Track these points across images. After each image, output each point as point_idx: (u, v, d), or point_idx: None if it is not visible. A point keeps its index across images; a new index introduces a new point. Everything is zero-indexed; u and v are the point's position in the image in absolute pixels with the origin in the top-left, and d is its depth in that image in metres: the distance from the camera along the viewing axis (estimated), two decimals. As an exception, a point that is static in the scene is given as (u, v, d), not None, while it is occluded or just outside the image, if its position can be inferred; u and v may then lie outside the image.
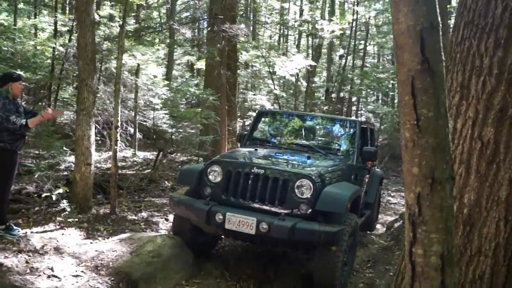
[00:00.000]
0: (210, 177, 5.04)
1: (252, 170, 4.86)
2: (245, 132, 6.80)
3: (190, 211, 4.91)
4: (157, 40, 14.78)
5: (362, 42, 21.47)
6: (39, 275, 4.20)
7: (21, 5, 17.06)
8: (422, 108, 1.76)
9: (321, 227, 4.46)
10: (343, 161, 5.86)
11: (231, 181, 4.93)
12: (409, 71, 1.78)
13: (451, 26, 4.81)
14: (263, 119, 6.99)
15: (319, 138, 6.67)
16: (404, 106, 1.81)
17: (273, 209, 4.71)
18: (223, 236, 5.53)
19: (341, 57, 21.62)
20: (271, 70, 15.03)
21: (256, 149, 5.92)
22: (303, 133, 6.70)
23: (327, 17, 19.49)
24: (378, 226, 8.14)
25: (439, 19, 1.79)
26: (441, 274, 1.84)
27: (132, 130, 12.64)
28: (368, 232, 7.52)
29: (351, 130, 6.39)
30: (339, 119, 7.09)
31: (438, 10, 1.79)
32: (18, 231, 5.19)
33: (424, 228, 1.78)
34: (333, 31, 15.06)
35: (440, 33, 1.79)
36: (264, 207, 4.75)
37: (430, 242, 1.78)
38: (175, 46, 16.39)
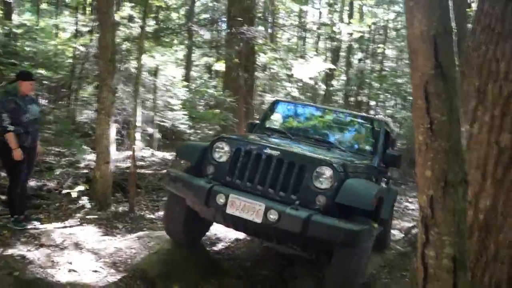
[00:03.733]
0: (215, 154, 4.50)
1: (265, 151, 4.30)
2: (256, 122, 6.23)
3: (188, 188, 4.33)
4: (176, 41, 14.90)
5: (381, 45, 21.34)
6: (59, 269, 4.32)
7: (43, 6, 17.40)
8: (435, 112, 1.79)
9: (342, 224, 3.84)
10: (364, 161, 5.23)
11: (239, 161, 4.38)
12: (422, 75, 1.81)
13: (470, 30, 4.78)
14: (278, 109, 6.31)
15: (339, 134, 5.97)
16: (417, 110, 1.85)
17: (284, 198, 4.15)
18: (222, 224, 4.81)
19: (359, 60, 21.53)
20: (289, 73, 15.04)
21: (268, 136, 5.39)
22: (322, 128, 6.02)
23: (346, 20, 19.45)
24: (395, 232, 8.08)
25: (454, 24, 1.82)
26: (453, 276, 1.86)
27: (150, 130, 12.77)
28: (381, 251, 6.65)
29: (375, 129, 5.78)
30: (363, 117, 6.42)
31: (452, 16, 1.82)
32: (24, 224, 5.34)
33: (437, 231, 1.81)
34: (351, 34, 15.02)
35: (454, 38, 1.82)
36: (274, 194, 4.20)
37: (442, 245, 1.81)
38: (194, 48, 16.51)
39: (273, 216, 3.92)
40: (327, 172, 4.11)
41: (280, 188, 4.20)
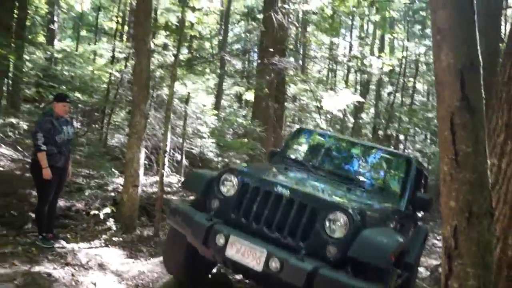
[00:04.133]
0: (222, 188, 4.15)
1: (275, 189, 3.91)
2: (278, 149, 5.93)
3: (187, 224, 3.99)
4: (208, 70, 15.22)
5: (412, 79, 21.30)
6: (83, 289, 4.39)
7: (83, 32, 18.15)
8: (461, 144, 1.80)
9: (352, 281, 3.35)
10: (389, 204, 4.75)
11: (246, 198, 4.01)
12: (448, 107, 1.83)
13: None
14: (301, 138, 5.98)
15: (364, 171, 5.43)
16: (443, 141, 1.86)
17: (291, 243, 3.73)
18: (222, 265, 4.40)
19: (389, 94, 21.50)
20: (318, 105, 15.12)
21: (286, 168, 5.00)
22: (346, 162, 5.56)
23: (376, 53, 19.54)
24: (421, 269, 7.87)
25: (480, 58, 1.84)
26: (477, 310, 1.82)
27: (179, 157, 12.94)
28: None
29: (404, 168, 5.21)
30: (391, 153, 5.79)
31: (479, 50, 1.84)
32: (52, 243, 5.42)
33: (460, 262, 1.79)
34: (382, 67, 15.08)
35: (481, 71, 1.84)
36: (281, 239, 3.78)
37: (466, 276, 1.78)
38: (225, 77, 16.82)
39: (275, 264, 3.52)
40: (342, 219, 3.64)
41: (288, 233, 3.77)
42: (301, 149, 5.93)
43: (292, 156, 5.66)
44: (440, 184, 1.87)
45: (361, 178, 5.18)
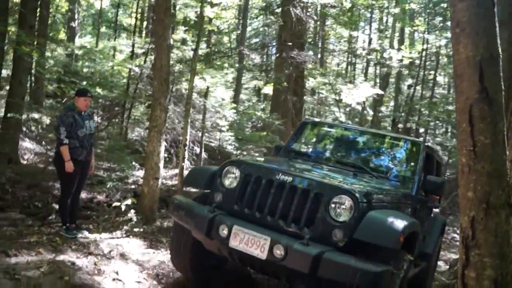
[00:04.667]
0: (224, 180, 4.10)
1: (277, 177, 3.84)
2: (283, 144, 5.80)
3: (189, 217, 3.96)
4: (226, 64, 15.30)
5: (432, 72, 21.05)
6: (105, 277, 4.50)
7: (103, 29, 18.40)
8: (479, 135, 1.81)
9: (358, 263, 3.25)
10: (399, 189, 4.67)
11: (248, 188, 3.95)
12: (467, 99, 1.84)
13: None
14: (306, 131, 5.81)
15: (372, 158, 5.33)
16: (461, 133, 1.87)
17: (296, 230, 3.65)
18: (228, 258, 4.17)
19: (409, 86, 21.29)
20: (337, 98, 15.07)
21: (289, 159, 4.97)
22: (353, 151, 5.45)
23: (396, 46, 19.36)
24: (440, 263, 7.81)
25: (500, 50, 1.84)
26: (494, 299, 1.83)
27: (198, 150, 13.06)
28: None
29: (413, 152, 5.12)
30: (398, 138, 5.69)
31: (499, 41, 1.84)
32: (75, 233, 5.55)
33: (477, 252, 1.81)
34: (401, 60, 14.94)
35: (500, 63, 1.84)
36: (285, 226, 3.70)
37: (483, 266, 1.80)
38: (244, 71, 16.86)
39: (279, 251, 3.46)
40: (346, 202, 3.57)
41: (292, 220, 3.70)
42: (306, 141, 5.82)
43: (297, 149, 5.55)
44: (459, 175, 1.89)
45: (369, 165, 5.05)
